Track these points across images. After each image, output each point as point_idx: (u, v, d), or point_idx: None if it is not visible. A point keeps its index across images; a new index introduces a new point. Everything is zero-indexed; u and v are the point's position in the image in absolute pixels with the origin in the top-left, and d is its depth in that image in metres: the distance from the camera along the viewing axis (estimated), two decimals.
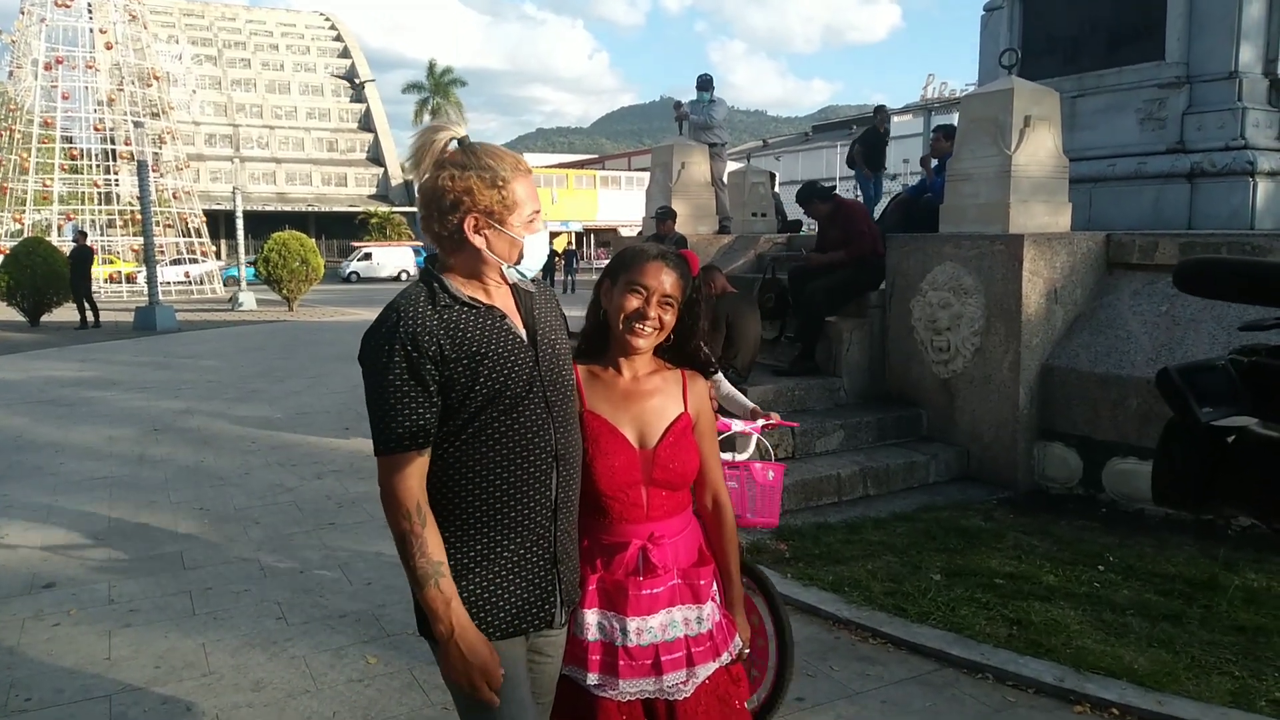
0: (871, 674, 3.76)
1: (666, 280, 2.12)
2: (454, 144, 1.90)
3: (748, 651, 2.35)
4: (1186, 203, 8.25)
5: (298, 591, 4.72)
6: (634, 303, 2.11)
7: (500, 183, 1.85)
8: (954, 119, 7.89)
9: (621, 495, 2.11)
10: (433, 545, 1.81)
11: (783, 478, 3.44)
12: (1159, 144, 8.43)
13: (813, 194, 7.70)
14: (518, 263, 1.92)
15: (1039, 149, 6.65)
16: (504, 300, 1.96)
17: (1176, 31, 8.25)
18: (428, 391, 1.80)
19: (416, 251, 47.33)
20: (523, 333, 1.94)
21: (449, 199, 1.85)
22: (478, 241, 1.88)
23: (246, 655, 3.98)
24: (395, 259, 44.02)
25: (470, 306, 1.88)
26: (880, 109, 15.38)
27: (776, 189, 13.80)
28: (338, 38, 70.67)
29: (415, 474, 1.82)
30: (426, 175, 1.88)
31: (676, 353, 2.25)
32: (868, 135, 14.67)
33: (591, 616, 2.11)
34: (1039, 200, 6.67)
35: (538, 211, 1.94)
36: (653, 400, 2.18)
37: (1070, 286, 6.40)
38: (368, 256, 44.37)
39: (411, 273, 44.10)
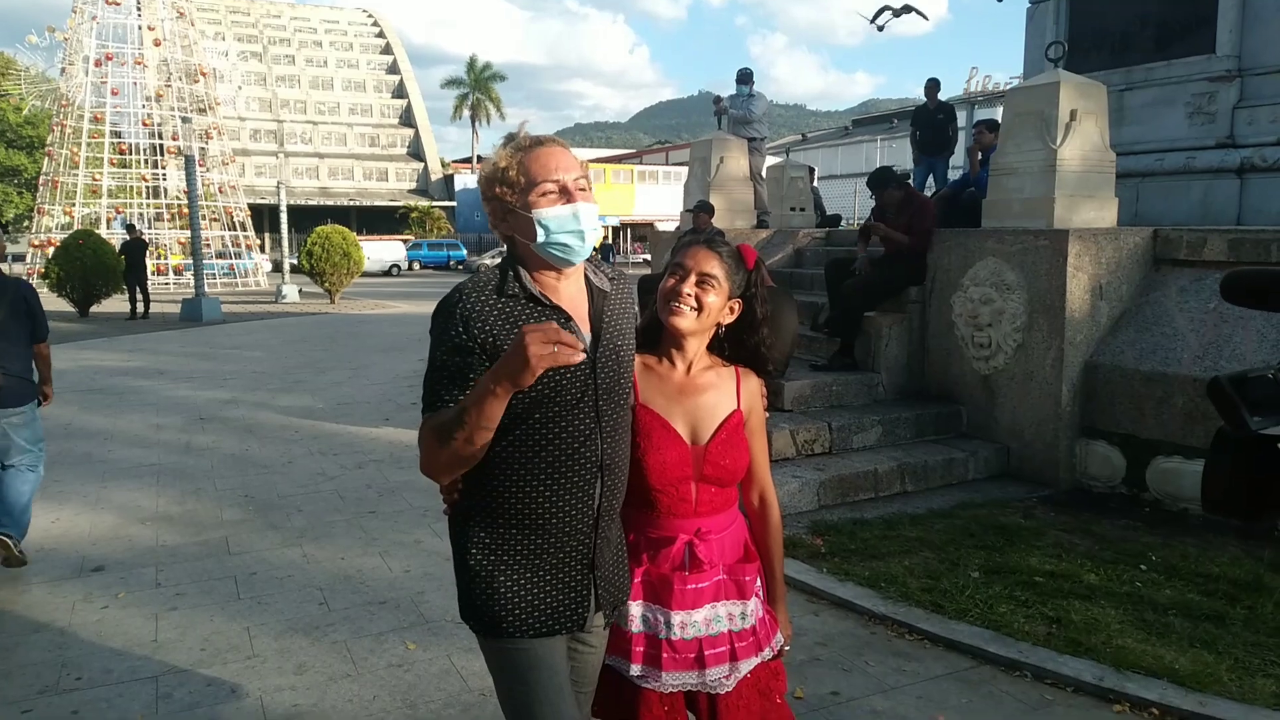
0: (907, 670, 3.74)
1: (705, 261, 2.10)
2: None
3: (788, 648, 2.35)
4: (1236, 198, 8.08)
5: (339, 578, 4.80)
6: (670, 281, 2.11)
7: (502, 160, 1.88)
8: (997, 113, 7.79)
9: (671, 490, 2.11)
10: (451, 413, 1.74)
11: None
12: (1208, 138, 8.27)
13: (888, 179, 7.60)
14: (545, 241, 1.84)
15: (1085, 143, 6.55)
16: (573, 298, 1.93)
17: (1228, 24, 8.08)
18: (470, 372, 1.81)
19: (418, 245, 47.57)
20: (586, 338, 1.91)
21: (484, 191, 1.91)
22: (505, 229, 1.91)
23: (289, 639, 4.06)
24: (385, 253, 43.43)
25: (537, 302, 1.86)
26: (932, 82, 12.68)
27: (815, 183, 13.70)
28: (380, 34, 71.32)
29: None
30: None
31: (735, 348, 2.23)
32: (918, 115, 12.96)
33: (636, 609, 2.12)
34: (1084, 195, 6.57)
35: (556, 183, 1.84)
36: (706, 396, 2.16)
37: (1116, 282, 6.30)
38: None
39: (402, 267, 44.24)
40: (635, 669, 2.11)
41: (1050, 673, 3.62)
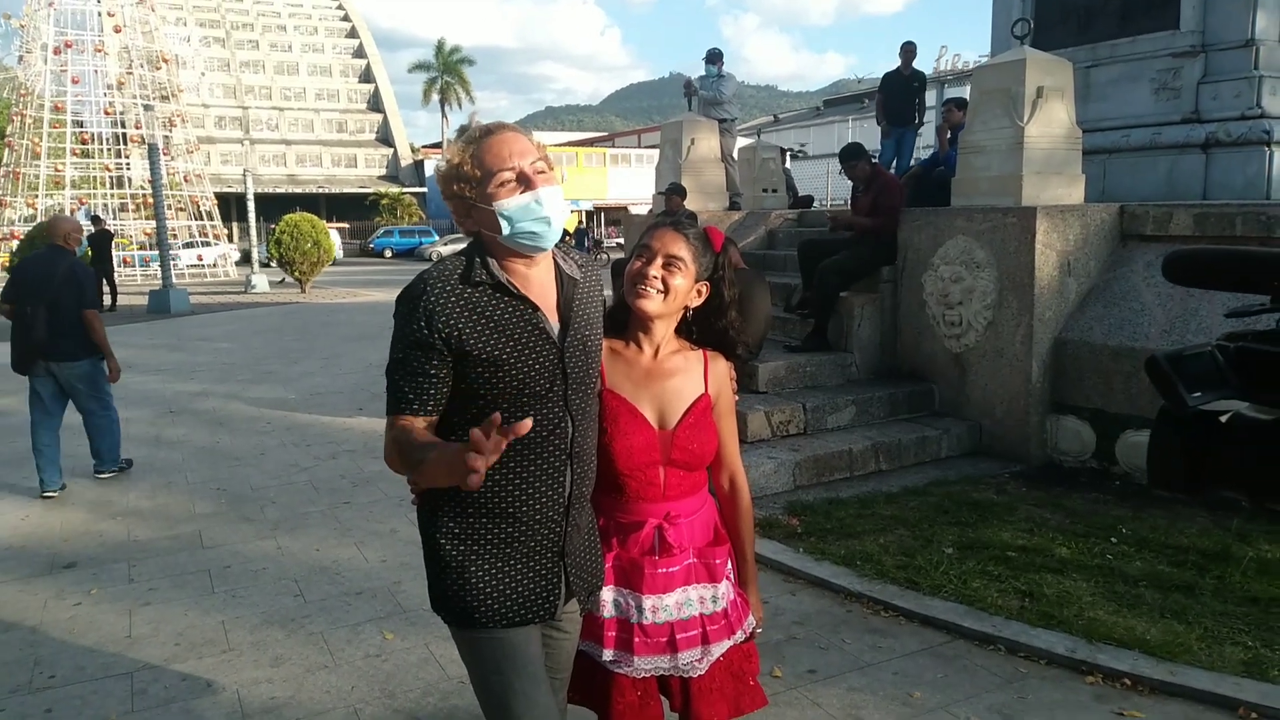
0: (883, 646, 3.78)
1: (671, 243, 2.09)
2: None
3: (760, 630, 2.36)
4: (1201, 173, 8.16)
5: (314, 569, 4.77)
6: (637, 264, 2.10)
7: (455, 156, 1.85)
8: (967, 92, 7.82)
9: (639, 475, 2.11)
10: (419, 441, 1.78)
11: None
12: (1174, 114, 8.34)
13: (859, 153, 7.64)
14: (510, 233, 1.81)
15: (1052, 120, 6.58)
16: (543, 286, 1.91)
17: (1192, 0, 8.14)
18: (431, 367, 1.80)
19: (389, 231, 46.03)
20: (554, 328, 1.89)
21: (451, 188, 1.88)
22: (469, 225, 1.88)
23: (265, 632, 4.04)
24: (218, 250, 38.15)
25: (504, 292, 1.84)
26: (908, 46, 11.73)
27: (787, 164, 13.68)
28: (345, 17, 70.37)
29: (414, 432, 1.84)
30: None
31: (702, 331, 2.23)
32: (888, 81, 11.91)
33: (607, 594, 2.13)
34: (1052, 172, 6.61)
35: (513, 170, 1.80)
36: (673, 380, 2.16)
37: (1083, 259, 6.36)
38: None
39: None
40: (608, 654, 2.12)
41: (1023, 646, 3.66)
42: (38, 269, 6.19)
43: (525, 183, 1.81)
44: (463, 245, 1.90)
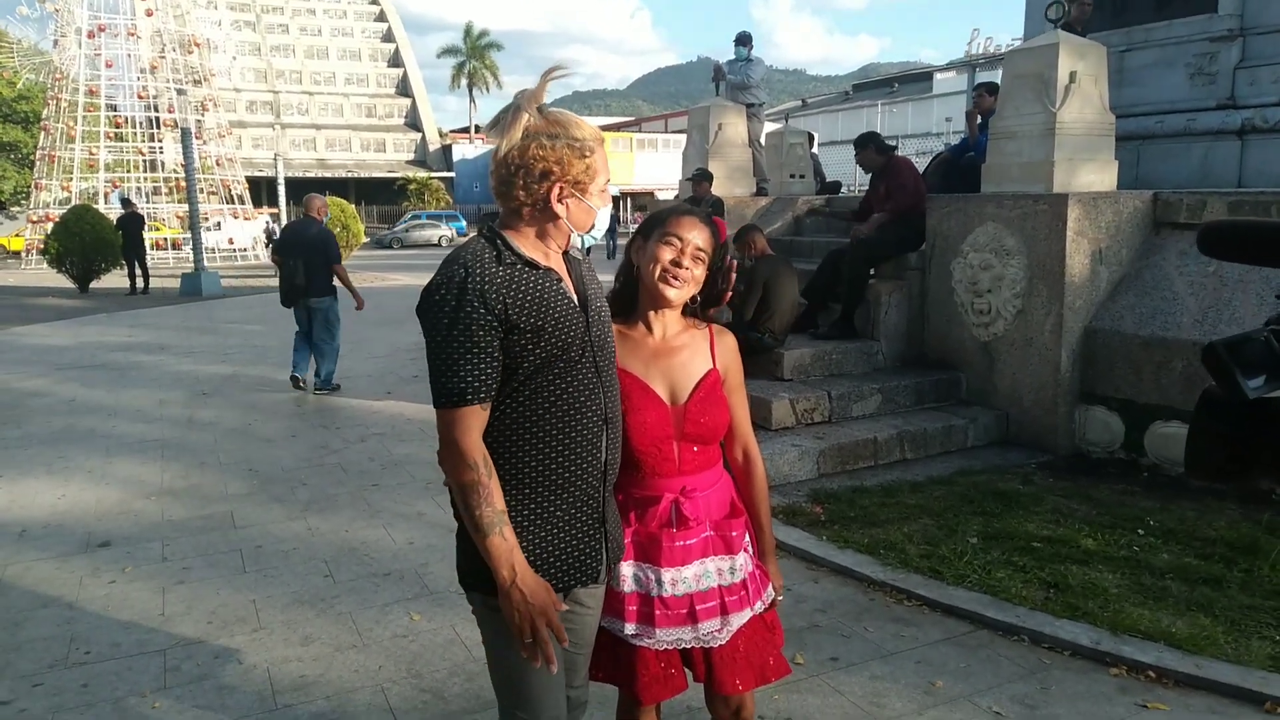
0: (906, 635, 3.79)
1: (700, 235, 2.17)
2: (537, 112, 1.90)
3: (780, 599, 2.39)
4: (1237, 160, 8.03)
5: (343, 550, 4.84)
6: (669, 253, 2.15)
7: (587, 153, 1.90)
8: (999, 76, 7.71)
9: (654, 450, 2.15)
10: (497, 495, 1.84)
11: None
12: (1209, 99, 8.20)
13: (869, 140, 7.69)
14: (589, 231, 1.98)
15: (1085, 105, 6.50)
16: (558, 265, 2.00)
17: None
18: (493, 346, 1.83)
19: (417, 216, 45.44)
20: (575, 297, 1.98)
21: (539, 168, 1.87)
22: (561, 210, 1.91)
23: (295, 611, 4.11)
24: (250, 230, 34.06)
25: (532, 267, 1.91)
26: None
27: (815, 149, 13.56)
28: (374, 1, 70.55)
29: (479, 427, 1.85)
30: (515, 144, 1.88)
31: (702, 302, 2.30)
32: None
33: (627, 569, 2.16)
34: (1084, 158, 6.53)
35: (609, 180, 2.00)
36: (681, 356, 2.22)
37: (1115, 247, 6.29)
38: (218, 227, 33.47)
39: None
40: (630, 628, 2.16)
41: (1047, 636, 3.66)
42: (297, 233, 8.63)
43: (608, 199, 2.04)
44: None
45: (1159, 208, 6.40)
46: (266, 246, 23.37)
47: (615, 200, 53.60)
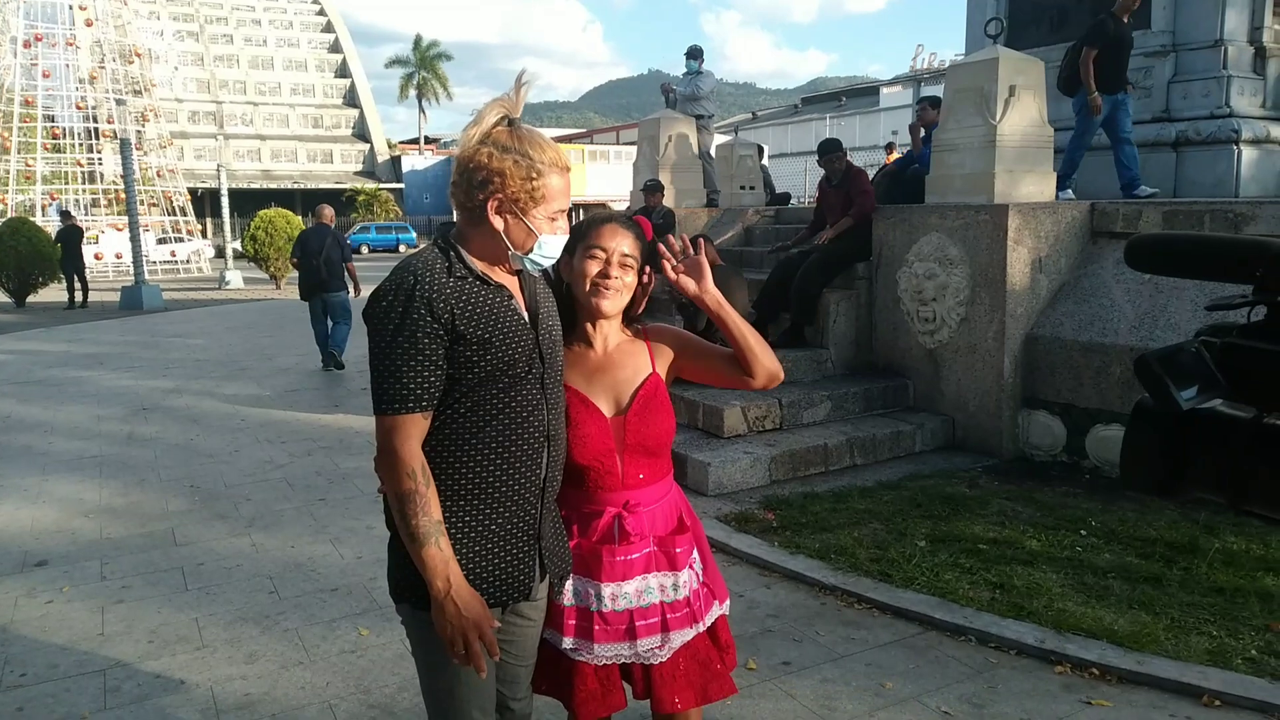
0: (856, 638, 3.82)
1: (624, 241, 2.13)
2: (506, 123, 1.89)
3: (725, 613, 2.36)
4: (1172, 171, 8.28)
5: (289, 566, 4.75)
6: (595, 266, 2.12)
7: (534, 174, 1.86)
8: (942, 90, 7.89)
9: (596, 464, 2.13)
10: (434, 505, 1.82)
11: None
12: (1144, 113, 8.45)
13: (838, 147, 7.82)
14: (528, 253, 1.92)
15: (1024, 118, 6.65)
16: (509, 281, 1.98)
17: (1163, 0, 8.24)
18: (437, 355, 1.82)
19: (366, 228, 44.27)
20: (525, 314, 1.97)
21: (480, 175, 1.86)
22: (497, 223, 1.88)
23: (239, 629, 4.02)
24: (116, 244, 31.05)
25: (482, 281, 1.89)
26: None
27: (765, 161, 13.71)
28: (321, 11, 69.74)
29: (419, 435, 1.83)
30: (469, 146, 1.87)
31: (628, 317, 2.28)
32: (1096, 31, 7.75)
33: (568, 582, 2.14)
34: (1024, 170, 6.68)
35: (564, 211, 1.95)
36: (624, 369, 2.20)
37: (1055, 256, 6.44)
38: (95, 240, 29.83)
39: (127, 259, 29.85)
40: (568, 642, 2.14)
41: (994, 636, 3.71)
42: (314, 237, 10.37)
43: (561, 228, 1.96)
44: None
45: (1096, 217, 6.57)
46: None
47: (569, 212, 53.57)
